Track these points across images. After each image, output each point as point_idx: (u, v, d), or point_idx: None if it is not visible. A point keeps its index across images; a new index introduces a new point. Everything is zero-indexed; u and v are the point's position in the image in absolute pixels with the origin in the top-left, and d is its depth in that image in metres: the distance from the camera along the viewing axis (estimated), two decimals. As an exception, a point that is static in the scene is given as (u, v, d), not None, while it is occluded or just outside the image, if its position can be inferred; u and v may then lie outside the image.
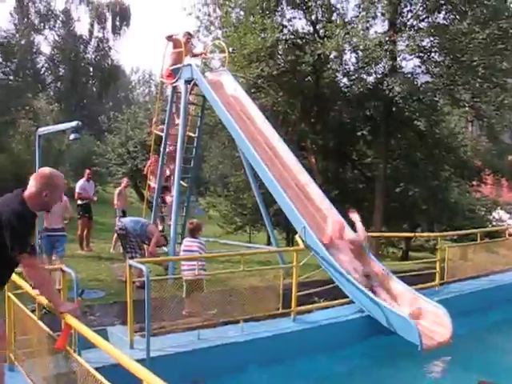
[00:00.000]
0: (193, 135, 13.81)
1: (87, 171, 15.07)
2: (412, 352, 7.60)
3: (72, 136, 8.75)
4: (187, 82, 12.33)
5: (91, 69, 43.12)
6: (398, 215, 22.04)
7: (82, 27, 46.89)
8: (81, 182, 14.80)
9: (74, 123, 8.55)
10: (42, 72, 44.26)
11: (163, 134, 13.34)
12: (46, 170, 4.52)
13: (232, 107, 11.69)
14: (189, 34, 13.50)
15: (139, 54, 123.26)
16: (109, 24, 42.76)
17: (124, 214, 14.42)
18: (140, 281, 7.73)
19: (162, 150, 13.28)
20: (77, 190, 14.70)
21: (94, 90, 44.60)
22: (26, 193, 4.39)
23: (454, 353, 8.05)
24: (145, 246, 10.97)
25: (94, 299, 9.64)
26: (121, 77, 55.11)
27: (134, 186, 28.18)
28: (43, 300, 4.69)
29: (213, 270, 10.73)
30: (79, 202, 14.64)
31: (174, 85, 12.91)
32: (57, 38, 41.73)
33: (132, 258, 9.79)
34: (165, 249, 11.86)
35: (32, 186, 4.40)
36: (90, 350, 5.41)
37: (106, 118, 35.95)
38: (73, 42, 40.39)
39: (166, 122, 13.30)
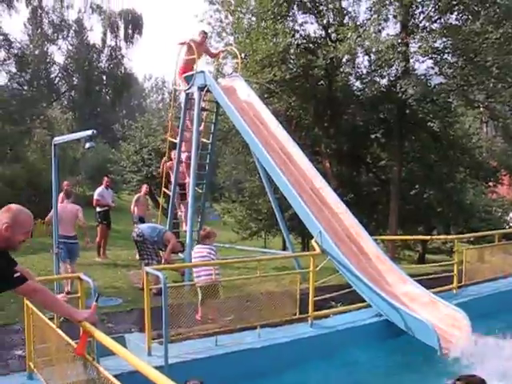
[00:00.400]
0: (207, 141, 13.83)
1: (105, 179, 15.21)
2: (431, 356, 7.54)
3: (87, 145, 8.77)
4: (200, 88, 12.35)
5: (104, 77, 43.40)
6: (413, 218, 21.92)
7: (94, 36, 47.35)
8: (99, 189, 14.95)
9: (89, 132, 8.57)
10: (55, 81, 44.68)
11: (177, 141, 13.37)
12: (13, 205, 4.11)
13: (245, 113, 11.70)
14: (204, 32, 13.53)
15: (152, 61, 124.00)
16: (121, 32, 43.06)
17: (142, 221, 14.44)
18: (157, 288, 7.74)
19: (176, 156, 13.32)
20: (95, 196, 14.86)
21: (108, 98, 44.88)
22: None
23: (471, 356, 7.95)
24: (161, 253, 10.99)
25: (111, 306, 9.67)
26: (134, 84, 55.44)
27: (149, 193, 28.25)
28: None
29: (228, 276, 10.72)
30: (98, 209, 14.75)
31: (188, 91, 12.95)
32: (70, 48, 42.10)
33: (148, 264, 9.81)
34: (181, 255, 11.87)
35: None
36: (108, 358, 5.44)
37: (120, 126, 36.17)
38: (86, 51, 40.70)
39: (179, 128, 13.33)
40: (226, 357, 7.04)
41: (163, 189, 14.28)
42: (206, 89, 12.30)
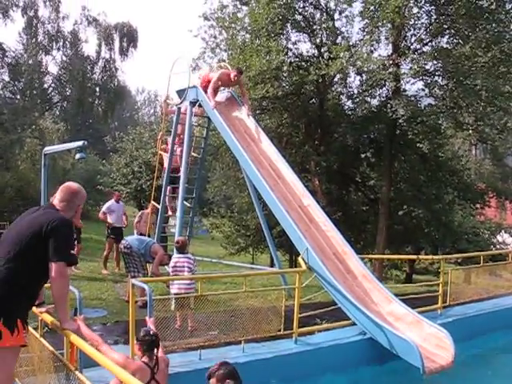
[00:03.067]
0: (197, 156, 13.90)
1: (116, 193, 15.40)
2: (414, 375, 7.57)
3: (78, 155, 8.81)
4: (192, 103, 12.43)
5: (97, 89, 43.35)
6: (401, 238, 22.01)
7: (89, 48, 47.27)
8: (109, 202, 14.95)
9: (79, 143, 8.61)
10: (49, 92, 44.63)
11: (168, 155, 13.41)
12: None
13: (236, 129, 11.77)
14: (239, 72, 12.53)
15: (145, 74, 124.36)
16: (116, 45, 43.09)
17: None
18: (143, 300, 7.75)
19: (166, 170, 13.34)
20: (103, 209, 14.92)
21: (100, 110, 44.82)
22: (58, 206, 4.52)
23: (456, 377, 8.02)
24: (148, 266, 10.99)
25: (96, 318, 9.65)
26: (126, 97, 55.54)
27: (138, 207, 28.27)
28: (46, 317, 4.72)
29: (215, 290, 10.72)
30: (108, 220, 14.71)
31: (179, 106, 13.02)
32: (64, 59, 42.07)
33: (134, 277, 9.80)
34: (167, 268, 11.85)
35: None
36: (91, 369, 5.45)
37: (111, 138, 36.20)
38: (80, 63, 40.65)
39: (170, 142, 13.38)
40: (209, 371, 7.03)
41: (152, 202, 14.28)
42: (197, 104, 12.37)
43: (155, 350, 5.39)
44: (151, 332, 5.60)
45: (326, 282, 8.92)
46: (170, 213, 13.59)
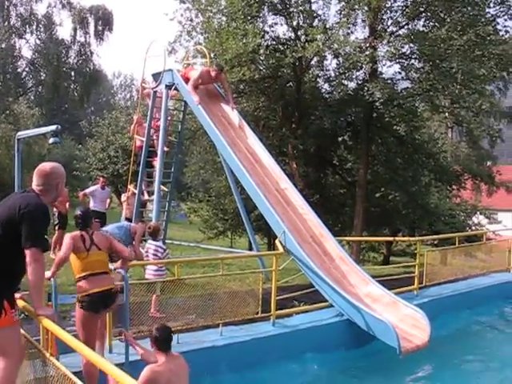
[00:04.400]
0: (174, 140, 13.80)
1: (101, 179, 15.02)
2: (391, 355, 7.65)
3: (51, 140, 8.70)
4: (168, 86, 12.31)
5: (73, 73, 42.65)
6: (378, 220, 22.19)
7: (64, 32, 46.43)
8: (93, 187, 14.75)
9: (53, 127, 8.51)
10: (22, 76, 43.86)
11: (144, 139, 13.29)
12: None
13: (213, 113, 11.68)
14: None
15: (121, 58, 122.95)
16: (91, 29, 42.40)
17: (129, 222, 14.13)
18: (120, 285, 7.69)
19: (142, 155, 13.22)
20: (86, 190, 14.74)
21: (76, 94, 44.15)
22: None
23: (432, 355, 8.12)
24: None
25: (74, 304, 9.56)
26: (102, 81, 54.79)
27: (115, 191, 28.06)
28: (20, 303, 4.68)
29: (193, 274, 10.71)
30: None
31: (155, 89, 12.89)
32: (38, 42, 41.31)
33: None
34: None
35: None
36: (68, 355, 5.42)
37: (88, 123, 35.83)
38: (55, 47, 39.91)
39: (147, 126, 13.26)
40: (187, 355, 7.02)
41: (129, 187, 14.17)
42: (173, 87, 12.26)
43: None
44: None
45: (303, 264, 8.94)
46: (146, 197, 13.49)
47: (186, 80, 12.01)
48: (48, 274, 5.63)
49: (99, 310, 5.88)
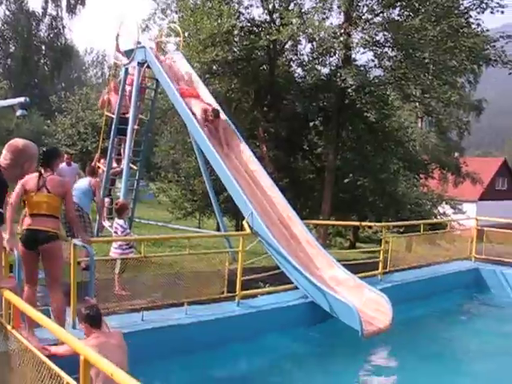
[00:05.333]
0: (144, 118, 13.70)
1: (65, 155, 14.37)
2: (353, 337, 7.77)
3: (19, 112, 8.57)
4: (140, 64, 12.18)
5: (43, 47, 41.99)
6: (346, 206, 22.36)
7: (34, 3, 45.52)
8: (59, 165, 14.21)
9: (21, 99, 8.39)
10: (-10, 47, 43.02)
11: (114, 116, 13.15)
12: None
13: (184, 91, 11.62)
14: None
15: (94, 34, 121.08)
16: (63, 1, 41.63)
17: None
18: (85, 262, 7.65)
19: (112, 132, 13.09)
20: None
21: (46, 69, 43.46)
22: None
23: (393, 338, 8.28)
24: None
25: (39, 279, 9.48)
26: (74, 57, 54.00)
27: (84, 169, 27.69)
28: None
29: (159, 253, 10.68)
30: None
31: (127, 66, 12.75)
32: (8, 13, 40.47)
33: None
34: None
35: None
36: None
37: (57, 98, 35.25)
38: (25, 19, 39.19)
39: (117, 104, 13.11)
40: (151, 332, 7.06)
41: (98, 164, 14.02)
42: (145, 65, 12.14)
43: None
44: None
45: (269, 246, 9.01)
46: (114, 165, 13.25)
47: None
48: (5, 236, 5.54)
49: (32, 247, 5.98)
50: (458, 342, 9.11)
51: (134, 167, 13.24)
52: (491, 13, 16.98)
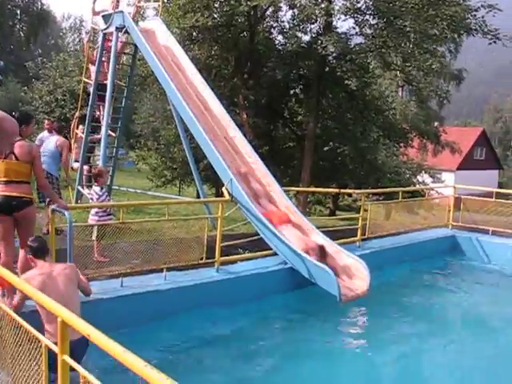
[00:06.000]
0: (123, 85, 13.52)
1: (46, 121, 13.89)
2: (332, 303, 7.87)
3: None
4: (118, 29, 11.97)
5: (18, 12, 41.05)
6: (326, 174, 22.47)
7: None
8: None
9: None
10: (-36, 12, 41.92)
11: (92, 83, 12.97)
12: None
13: (163, 57, 11.47)
14: None
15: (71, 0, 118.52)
16: (39, -35, 40.72)
17: None
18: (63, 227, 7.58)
19: (90, 99, 12.92)
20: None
21: (22, 34, 42.58)
22: None
23: (371, 303, 8.39)
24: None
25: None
26: (50, 23, 52.90)
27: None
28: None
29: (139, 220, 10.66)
30: None
31: (105, 32, 12.53)
32: (-20, -23, 39.47)
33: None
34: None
35: None
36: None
37: (34, 65, 34.62)
38: (-1, -18, 38.28)
39: (95, 70, 12.91)
40: (131, 298, 7.08)
41: (76, 131, 13.87)
42: (124, 30, 11.93)
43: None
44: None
45: (248, 212, 9.02)
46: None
47: None
48: None
49: (7, 212, 6.00)
50: (433, 304, 9.26)
51: (113, 134, 13.11)
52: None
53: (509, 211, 12.57)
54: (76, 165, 12.99)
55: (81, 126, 13.67)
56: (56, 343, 3.24)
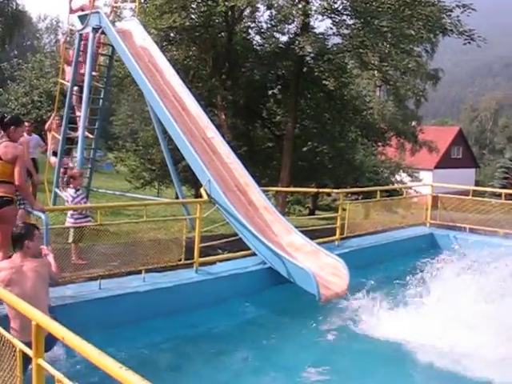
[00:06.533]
0: (100, 86, 13.43)
1: (25, 124, 13.53)
2: (311, 302, 7.89)
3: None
4: (95, 29, 11.88)
5: (-7, 12, 40.60)
6: (305, 174, 22.53)
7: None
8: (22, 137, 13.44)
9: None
10: None
11: (69, 84, 12.85)
12: None
13: (141, 58, 11.41)
14: None
15: (47, 1, 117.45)
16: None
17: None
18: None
19: (67, 100, 12.79)
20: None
21: (-3, 35, 42.09)
22: None
23: (350, 302, 8.41)
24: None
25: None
26: (26, 23, 52.36)
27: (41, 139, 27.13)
28: None
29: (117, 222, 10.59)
30: None
31: (81, 32, 12.42)
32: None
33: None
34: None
35: None
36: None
37: (9, 66, 34.22)
38: (-27, -18, 37.76)
39: (72, 71, 12.79)
40: (109, 300, 7.04)
41: (52, 133, 13.71)
42: (100, 30, 11.85)
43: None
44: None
45: (227, 213, 9.01)
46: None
47: None
48: None
49: None
50: (412, 299, 9.32)
51: (91, 136, 13.00)
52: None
53: (485, 209, 12.71)
54: (53, 159, 12.81)
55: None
56: (25, 343, 3.21)
